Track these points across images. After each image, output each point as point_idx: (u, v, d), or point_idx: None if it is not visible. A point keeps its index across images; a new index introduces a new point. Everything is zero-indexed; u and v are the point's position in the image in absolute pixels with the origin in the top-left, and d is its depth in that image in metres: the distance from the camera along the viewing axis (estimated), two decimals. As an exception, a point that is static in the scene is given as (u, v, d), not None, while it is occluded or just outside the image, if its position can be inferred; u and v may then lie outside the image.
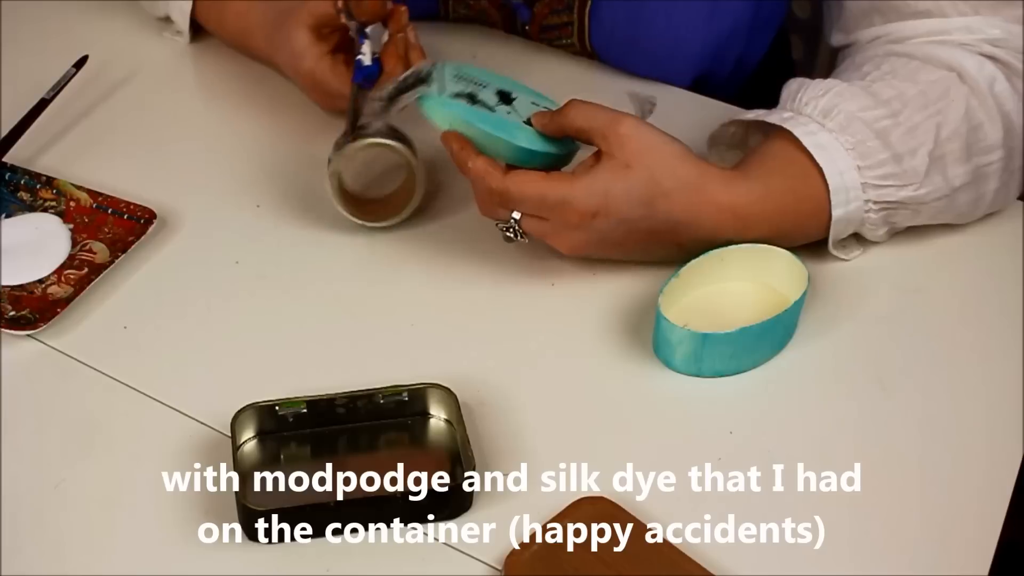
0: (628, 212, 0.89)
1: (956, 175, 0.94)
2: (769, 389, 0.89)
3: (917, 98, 0.94)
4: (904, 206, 0.94)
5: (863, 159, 0.91)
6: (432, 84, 0.91)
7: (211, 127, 1.08)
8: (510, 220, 0.91)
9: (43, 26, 1.18)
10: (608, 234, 0.90)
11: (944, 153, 0.93)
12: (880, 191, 0.92)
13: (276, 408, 0.83)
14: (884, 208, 0.93)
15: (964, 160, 0.93)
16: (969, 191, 0.95)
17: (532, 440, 0.84)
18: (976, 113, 0.94)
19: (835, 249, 0.96)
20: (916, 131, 0.92)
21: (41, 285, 0.93)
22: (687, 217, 0.90)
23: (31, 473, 0.81)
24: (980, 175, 0.95)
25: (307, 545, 0.78)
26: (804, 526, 0.80)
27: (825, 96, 0.93)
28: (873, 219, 0.94)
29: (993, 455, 0.85)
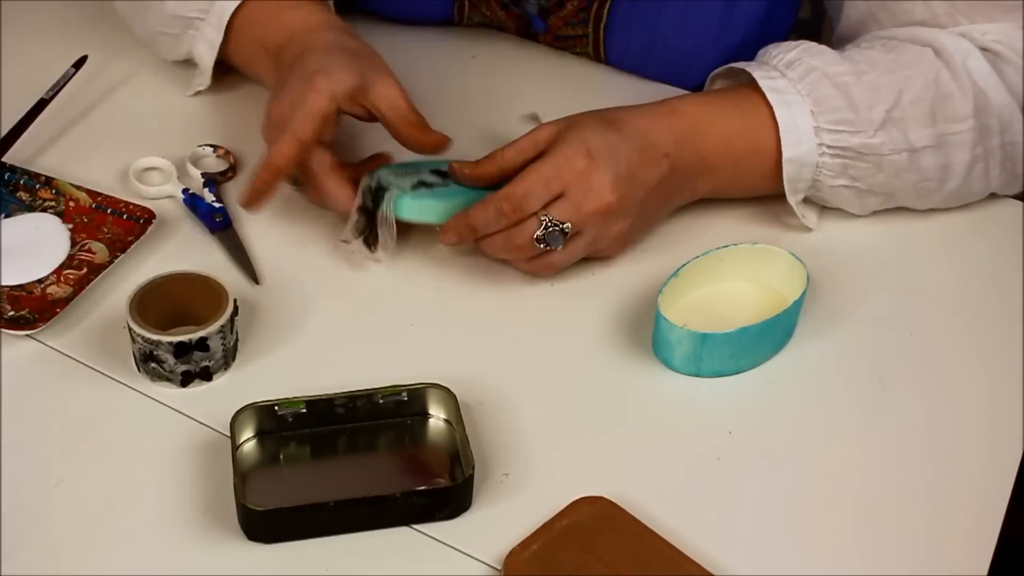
0: (605, 138, 0.91)
1: (918, 137, 0.95)
2: (769, 389, 0.89)
3: (885, 64, 0.96)
4: (861, 156, 0.95)
5: (817, 105, 0.94)
6: (391, 188, 0.93)
7: (211, 127, 1.08)
8: (543, 224, 0.89)
9: (43, 26, 1.17)
10: (615, 166, 0.90)
11: (905, 115, 0.95)
12: (834, 135, 0.94)
13: (275, 408, 0.83)
14: (839, 155, 0.95)
15: (927, 124, 0.95)
16: (935, 155, 0.96)
17: (532, 440, 0.84)
18: (946, 84, 0.95)
19: (794, 202, 0.97)
20: (878, 91, 0.95)
21: (40, 285, 0.93)
22: (644, 123, 0.94)
23: (31, 473, 0.81)
24: (946, 142, 0.96)
25: (307, 545, 0.78)
26: (804, 526, 0.80)
27: (792, 51, 0.97)
28: (829, 164, 0.95)
29: (992, 454, 0.85)
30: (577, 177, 0.90)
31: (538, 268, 0.93)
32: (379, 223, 0.94)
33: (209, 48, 1.05)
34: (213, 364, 0.86)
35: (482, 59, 1.15)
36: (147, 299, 0.86)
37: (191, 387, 0.86)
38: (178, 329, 0.85)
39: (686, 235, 0.98)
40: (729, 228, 0.99)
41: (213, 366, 0.86)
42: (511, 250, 0.91)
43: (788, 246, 0.93)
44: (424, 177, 0.95)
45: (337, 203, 0.94)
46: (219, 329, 0.85)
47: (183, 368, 0.85)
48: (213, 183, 1.00)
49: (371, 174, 0.95)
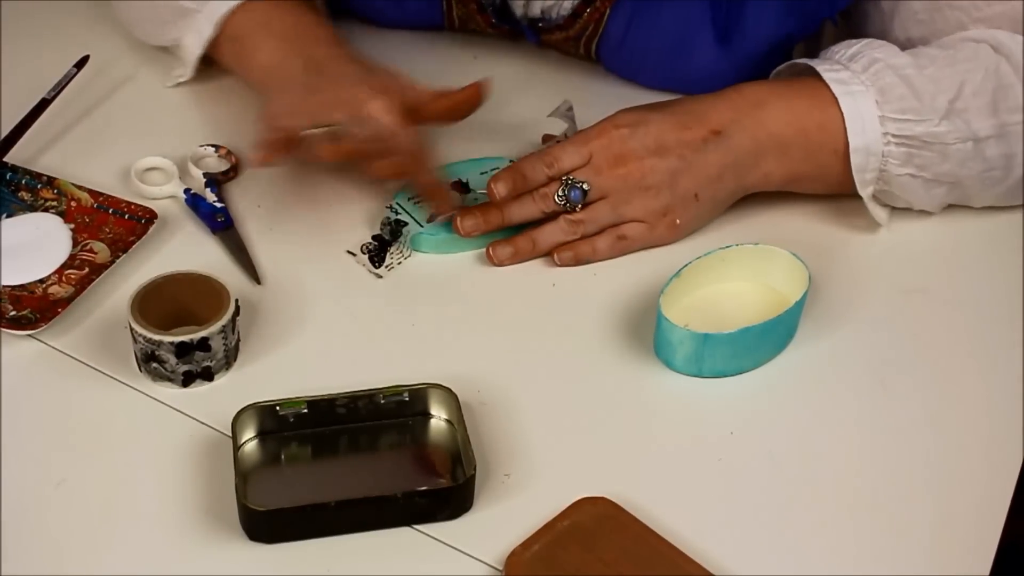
0: (639, 115, 0.95)
1: (981, 127, 0.96)
2: (770, 390, 0.89)
3: (945, 58, 0.97)
4: (926, 144, 0.95)
5: (882, 95, 0.95)
6: (410, 223, 0.96)
7: (212, 127, 1.08)
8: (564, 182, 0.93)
9: (43, 26, 1.17)
10: (644, 139, 0.93)
11: (967, 106, 0.95)
12: (899, 124, 0.95)
13: (277, 408, 0.83)
14: (904, 143, 0.95)
15: (989, 114, 0.96)
16: (999, 145, 0.96)
17: (532, 440, 0.84)
18: (1007, 74, 0.97)
19: (865, 196, 0.97)
20: (940, 82, 0.96)
21: (42, 285, 0.93)
22: (696, 100, 0.96)
23: (31, 473, 0.81)
24: (1008, 132, 0.96)
25: (307, 545, 0.78)
26: (805, 526, 0.80)
27: (855, 46, 0.98)
28: (895, 153, 0.95)
29: (994, 455, 0.85)
30: (602, 145, 0.94)
31: (581, 251, 0.95)
32: (392, 251, 0.96)
33: (197, 40, 1.05)
34: (214, 364, 0.86)
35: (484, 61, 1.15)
36: (149, 299, 0.86)
37: (192, 387, 0.86)
38: (180, 329, 0.85)
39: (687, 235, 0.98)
40: (731, 228, 0.99)
41: (214, 366, 0.86)
42: (537, 201, 0.94)
43: (789, 247, 0.93)
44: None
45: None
46: (220, 329, 0.85)
47: (184, 368, 0.85)
48: (215, 183, 1.00)
49: (390, 206, 0.98)
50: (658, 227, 0.96)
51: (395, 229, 0.96)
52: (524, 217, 0.95)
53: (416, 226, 0.97)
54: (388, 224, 0.97)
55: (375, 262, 0.95)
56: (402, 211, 0.97)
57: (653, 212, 0.95)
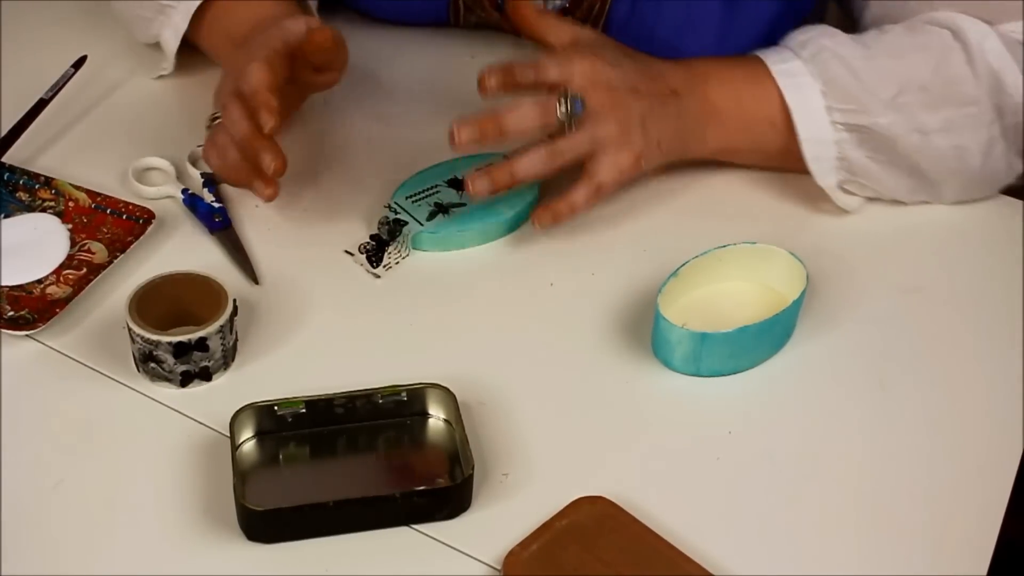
0: (613, 52, 0.96)
1: (927, 121, 0.96)
2: (768, 389, 0.89)
3: (897, 47, 0.98)
4: (875, 133, 0.96)
5: (827, 85, 0.96)
6: (410, 222, 0.96)
7: (210, 127, 1.08)
8: (562, 98, 0.93)
9: (42, 26, 1.17)
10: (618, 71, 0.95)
11: (911, 101, 0.96)
12: (846, 115, 0.96)
13: (275, 408, 0.83)
14: (854, 130, 0.96)
15: (935, 109, 0.96)
16: (947, 137, 0.97)
17: (531, 440, 0.84)
18: (957, 66, 0.96)
19: (826, 186, 0.99)
20: (886, 75, 0.96)
21: (40, 285, 0.93)
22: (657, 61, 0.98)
23: (30, 473, 0.81)
24: (955, 125, 0.97)
25: (306, 545, 0.78)
26: (804, 526, 0.81)
27: (809, 32, 0.99)
28: (847, 138, 0.97)
29: (992, 454, 0.85)
30: (585, 69, 0.94)
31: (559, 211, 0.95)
32: (390, 251, 0.96)
33: (174, 35, 1.07)
34: (212, 364, 0.86)
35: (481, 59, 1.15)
36: (147, 299, 0.86)
37: (190, 387, 0.86)
38: (177, 329, 0.85)
39: (685, 235, 0.98)
40: (729, 228, 0.99)
41: (212, 366, 0.86)
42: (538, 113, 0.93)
43: (788, 246, 0.93)
44: (441, 196, 0.98)
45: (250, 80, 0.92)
46: (218, 329, 0.85)
47: (182, 368, 0.85)
48: (212, 183, 1.00)
49: (388, 205, 0.98)
50: (626, 165, 0.95)
51: (393, 228, 0.96)
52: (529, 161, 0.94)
53: (416, 225, 0.97)
54: (386, 224, 0.97)
55: (373, 262, 0.95)
56: (401, 210, 0.98)
57: (626, 148, 0.94)
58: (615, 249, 0.98)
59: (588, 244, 0.99)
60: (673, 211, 1.02)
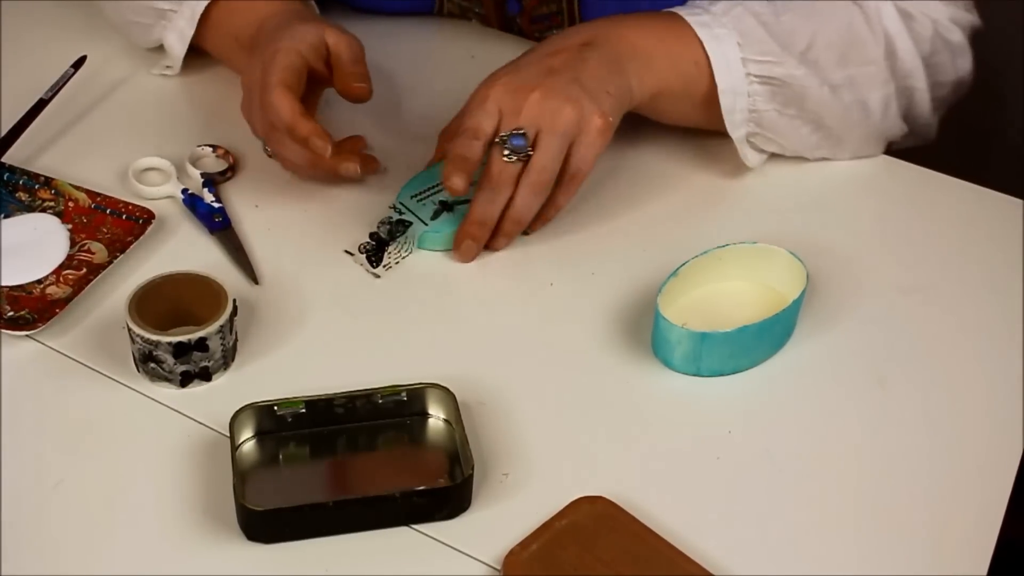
0: (506, 67, 0.96)
1: (832, 76, 1.00)
2: (768, 388, 0.89)
3: (804, 8, 1.00)
4: (786, 85, 0.99)
5: (743, 37, 0.98)
6: (414, 223, 0.97)
7: (209, 127, 1.07)
8: (501, 140, 0.92)
9: (42, 26, 1.17)
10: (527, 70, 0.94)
11: (818, 58, 1.00)
12: (760, 66, 0.98)
13: (275, 408, 0.83)
14: (767, 82, 0.99)
15: (839, 67, 1.00)
16: (851, 92, 1.01)
17: (530, 440, 0.84)
18: (859, 29, 1.01)
19: (736, 137, 1.00)
20: (794, 32, 0.99)
21: (39, 285, 0.93)
22: (560, 35, 0.98)
23: (30, 473, 0.81)
24: (857, 81, 1.01)
25: (306, 545, 0.78)
26: (803, 525, 0.81)
27: None
28: (759, 91, 0.99)
29: (992, 454, 0.85)
30: (501, 94, 0.93)
31: (547, 215, 0.97)
32: (389, 250, 0.96)
33: (180, 40, 1.07)
34: (212, 364, 0.86)
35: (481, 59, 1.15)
36: (146, 299, 0.86)
37: (190, 387, 0.86)
38: (177, 329, 0.85)
39: (685, 235, 0.98)
40: (729, 227, 0.99)
41: (212, 366, 0.86)
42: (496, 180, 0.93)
43: (787, 245, 0.93)
44: (444, 194, 0.97)
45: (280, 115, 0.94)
46: (218, 329, 0.85)
47: (182, 368, 0.85)
48: (212, 183, 1.00)
49: (393, 206, 0.98)
50: (593, 132, 0.94)
51: (393, 229, 0.96)
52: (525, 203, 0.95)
53: (421, 224, 0.97)
54: (387, 224, 0.97)
55: (373, 262, 0.95)
56: (406, 211, 0.97)
57: (584, 116, 0.93)
58: (615, 249, 0.98)
59: (588, 244, 0.99)
60: (673, 211, 1.02)
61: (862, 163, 1.07)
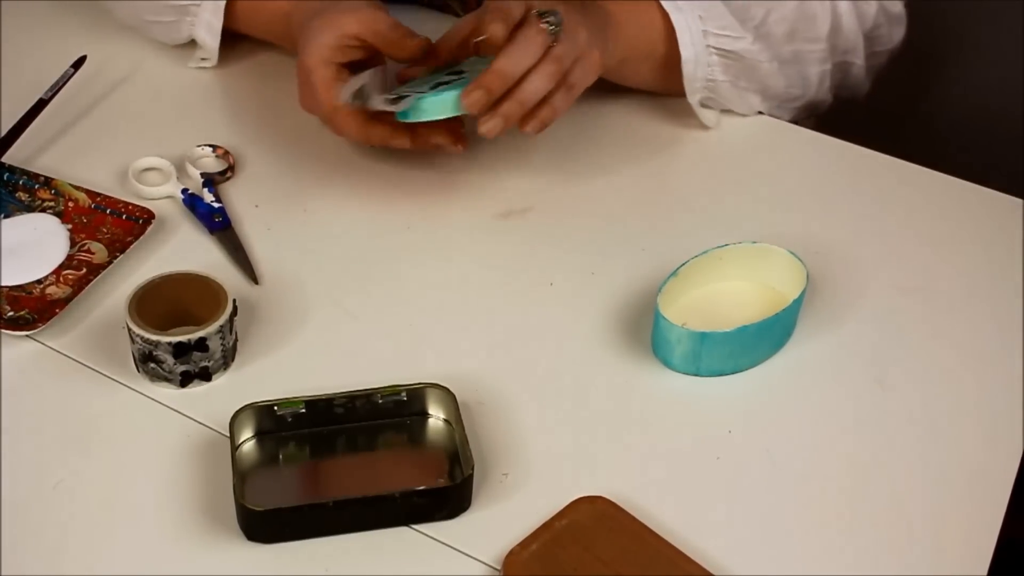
0: None
1: (781, 51, 1.07)
2: (768, 388, 0.89)
3: None
4: (741, 59, 1.05)
5: (705, 11, 1.03)
6: (411, 93, 0.94)
7: (209, 127, 1.08)
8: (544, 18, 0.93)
9: (42, 26, 1.17)
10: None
11: (770, 32, 1.06)
12: (719, 39, 1.04)
13: (275, 408, 0.83)
14: (724, 56, 1.04)
15: (788, 41, 1.07)
16: (794, 67, 1.09)
17: (530, 440, 0.84)
18: (812, 7, 1.08)
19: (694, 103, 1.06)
20: (749, 8, 1.05)
21: (39, 285, 0.93)
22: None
23: (30, 473, 0.81)
24: (803, 58, 1.09)
25: (306, 545, 0.78)
26: (803, 525, 0.80)
27: None
28: (717, 63, 1.04)
29: (992, 453, 0.85)
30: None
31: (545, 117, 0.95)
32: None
33: (211, 33, 1.08)
34: (212, 364, 0.86)
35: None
36: (146, 299, 0.86)
37: (190, 387, 0.86)
38: (177, 329, 0.85)
39: (685, 234, 0.98)
40: (729, 227, 0.99)
41: (212, 366, 0.86)
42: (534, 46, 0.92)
43: (787, 245, 0.93)
44: (441, 78, 0.96)
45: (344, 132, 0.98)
46: (218, 329, 0.85)
47: (182, 368, 0.85)
48: (212, 183, 1.00)
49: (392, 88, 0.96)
50: (590, 62, 0.96)
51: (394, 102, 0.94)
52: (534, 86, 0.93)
53: (415, 95, 0.93)
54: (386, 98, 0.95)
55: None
56: (402, 90, 0.95)
57: (588, 42, 0.96)
58: (615, 249, 0.98)
59: (588, 244, 0.99)
60: (673, 210, 1.02)
61: (863, 164, 1.08)
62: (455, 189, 1.02)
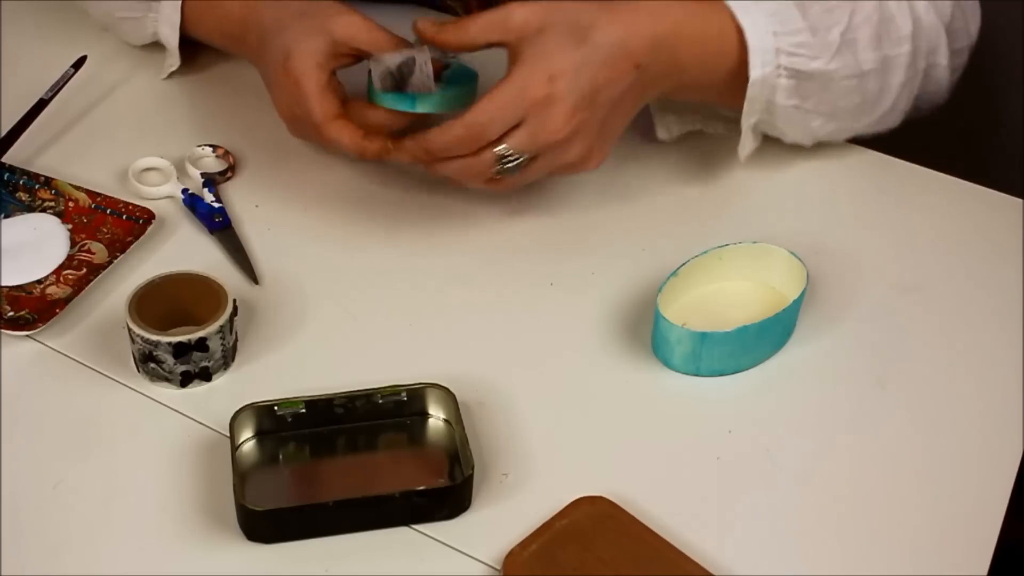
0: (572, 58, 0.88)
1: (866, 59, 0.98)
2: (768, 388, 0.89)
3: None
4: (813, 78, 0.97)
5: (781, 25, 0.95)
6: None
7: (209, 127, 1.08)
8: (500, 158, 0.90)
9: (42, 26, 1.17)
10: (579, 92, 0.88)
11: (856, 38, 0.97)
12: (792, 59, 0.96)
13: (275, 408, 0.83)
14: (794, 76, 0.96)
15: (875, 47, 0.98)
16: (877, 78, 1.00)
17: (531, 440, 0.84)
18: (889, 6, 0.99)
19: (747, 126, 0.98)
20: (832, 12, 0.97)
21: (40, 285, 0.93)
22: (620, 30, 0.90)
23: (30, 473, 0.81)
24: (888, 65, 0.99)
25: (306, 545, 0.78)
26: (803, 525, 0.80)
27: None
28: (784, 85, 0.96)
29: (992, 454, 0.85)
30: (536, 106, 0.88)
31: (495, 187, 0.93)
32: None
33: (172, 28, 1.06)
34: (212, 364, 0.86)
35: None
36: (146, 299, 0.86)
37: (190, 387, 0.86)
38: (177, 329, 0.85)
39: (685, 234, 0.98)
40: (729, 227, 0.99)
41: (212, 366, 0.86)
42: (469, 177, 0.91)
43: (787, 245, 0.93)
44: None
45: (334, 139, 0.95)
46: (218, 329, 0.85)
47: (182, 368, 0.85)
48: (212, 183, 1.00)
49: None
50: (578, 167, 0.93)
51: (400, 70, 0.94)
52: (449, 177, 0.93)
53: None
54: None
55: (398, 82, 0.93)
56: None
57: (582, 159, 0.92)
58: (615, 248, 0.98)
59: (588, 243, 0.99)
60: (673, 210, 1.02)
61: (863, 164, 1.07)
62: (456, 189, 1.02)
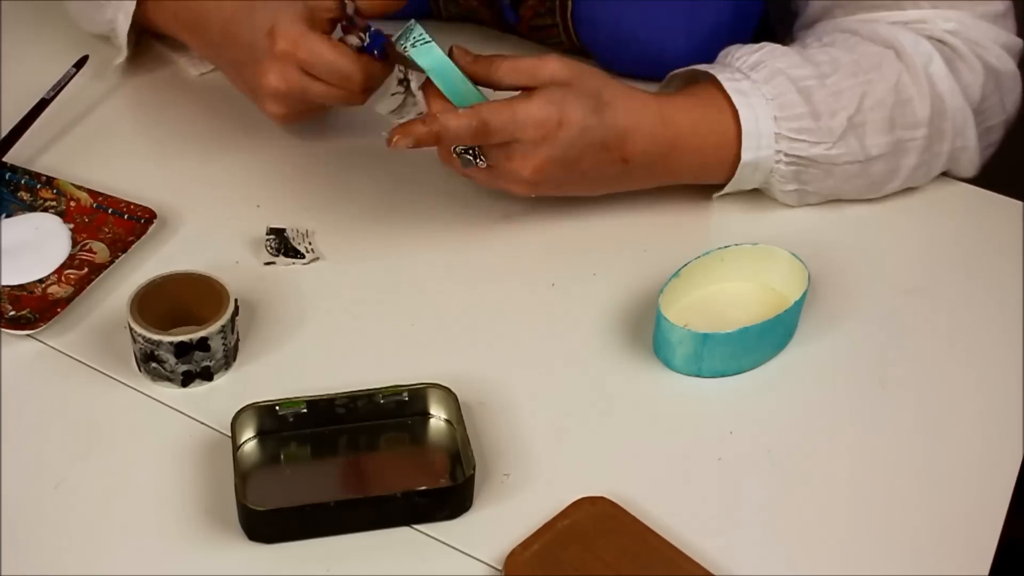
0: (584, 119, 0.91)
1: (875, 144, 0.97)
2: (769, 389, 0.89)
3: (848, 66, 0.97)
4: (815, 164, 0.96)
5: (781, 110, 0.95)
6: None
7: (211, 127, 1.08)
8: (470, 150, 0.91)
9: (44, 26, 1.17)
10: (568, 149, 0.91)
11: (865, 121, 0.96)
12: (792, 144, 0.95)
13: (276, 408, 0.83)
14: (795, 163, 0.96)
15: (886, 131, 0.97)
16: (886, 162, 0.98)
17: (532, 440, 0.84)
18: (907, 88, 0.97)
19: (717, 196, 0.99)
20: (840, 95, 0.95)
21: (41, 285, 0.93)
22: (629, 122, 0.93)
23: (31, 473, 0.81)
24: (900, 149, 0.98)
25: (307, 545, 0.78)
26: (804, 526, 0.81)
27: (756, 53, 0.97)
28: (783, 171, 0.96)
29: (993, 454, 0.85)
30: (531, 140, 0.90)
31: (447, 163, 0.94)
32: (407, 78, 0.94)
33: (125, 17, 1.06)
34: (214, 364, 0.86)
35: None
36: (148, 299, 0.86)
37: (192, 387, 0.86)
38: (179, 329, 0.85)
39: (687, 235, 0.98)
40: (730, 228, 0.99)
41: (214, 366, 0.86)
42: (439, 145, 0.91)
43: (789, 246, 0.93)
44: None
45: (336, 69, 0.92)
46: (220, 329, 0.85)
47: (184, 368, 0.85)
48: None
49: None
50: (512, 190, 0.95)
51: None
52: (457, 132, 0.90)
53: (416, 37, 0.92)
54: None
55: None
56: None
57: (522, 187, 0.94)
58: (616, 249, 0.98)
59: (589, 244, 0.99)
60: (674, 212, 1.02)
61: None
62: (457, 189, 1.02)
